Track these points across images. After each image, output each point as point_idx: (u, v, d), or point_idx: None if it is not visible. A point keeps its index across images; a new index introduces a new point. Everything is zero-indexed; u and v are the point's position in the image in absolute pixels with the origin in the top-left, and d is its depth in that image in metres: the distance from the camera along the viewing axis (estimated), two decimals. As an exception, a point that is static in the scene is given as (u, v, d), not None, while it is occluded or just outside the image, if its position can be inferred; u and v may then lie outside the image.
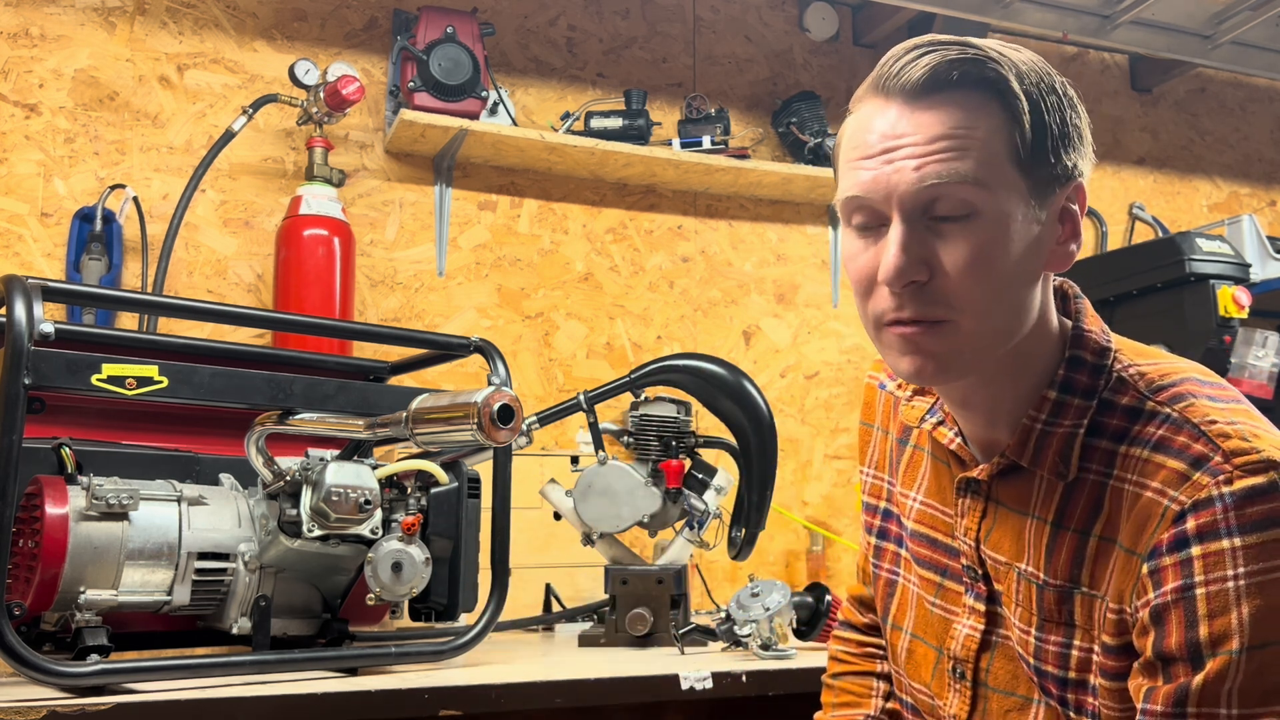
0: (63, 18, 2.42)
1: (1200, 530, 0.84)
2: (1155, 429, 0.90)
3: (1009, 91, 0.90)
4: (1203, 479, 0.85)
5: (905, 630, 1.13)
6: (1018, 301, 0.93)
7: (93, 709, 1.20)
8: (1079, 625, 0.93)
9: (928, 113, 0.90)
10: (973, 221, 0.89)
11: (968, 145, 0.89)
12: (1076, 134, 0.93)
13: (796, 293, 3.05)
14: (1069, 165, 0.93)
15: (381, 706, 1.34)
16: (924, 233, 0.90)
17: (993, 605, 1.02)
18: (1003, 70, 0.90)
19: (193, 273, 2.45)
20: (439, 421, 1.33)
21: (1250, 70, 3.38)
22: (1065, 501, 0.94)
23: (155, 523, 1.43)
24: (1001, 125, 0.89)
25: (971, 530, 1.02)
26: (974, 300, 0.90)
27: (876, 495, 1.19)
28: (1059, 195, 0.93)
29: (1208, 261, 2.58)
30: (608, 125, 2.73)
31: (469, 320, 2.68)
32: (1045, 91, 0.91)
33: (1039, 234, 0.92)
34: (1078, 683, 0.94)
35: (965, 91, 0.90)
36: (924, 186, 0.89)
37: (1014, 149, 0.90)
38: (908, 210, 0.90)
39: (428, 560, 1.55)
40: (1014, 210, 0.90)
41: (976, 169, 0.88)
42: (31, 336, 1.30)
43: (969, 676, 1.03)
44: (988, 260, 0.89)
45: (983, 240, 0.89)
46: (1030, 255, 0.92)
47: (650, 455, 1.97)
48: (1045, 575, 0.95)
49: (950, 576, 1.06)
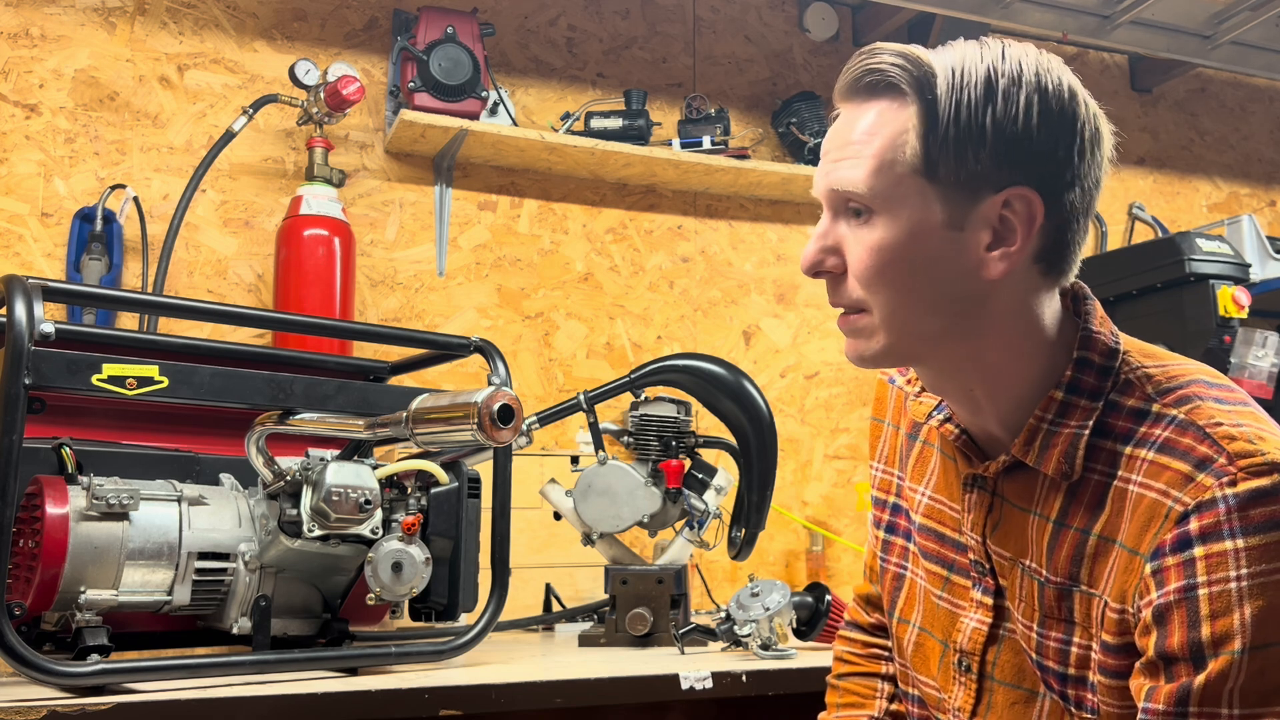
0: (63, 18, 2.42)
1: (1204, 531, 0.84)
2: (1161, 431, 0.91)
3: (928, 95, 0.91)
4: (1206, 480, 0.86)
5: (913, 624, 1.13)
6: (934, 300, 0.94)
7: (93, 709, 1.20)
8: (1078, 623, 0.94)
9: (855, 113, 0.96)
10: (871, 223, 0.94)
11: (863, 152, 0.93)
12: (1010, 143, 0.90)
13: (796, 293, 3.05)
14: (995, 172, 0.90)
15: (381, 706, 1.34)
16: (844, 228, 0.97)
17: (1000, 599, 1.03)
18: (913, 75, 0.91)
19: (193, 273, 2.45)
20: (439, 421, 1.33)
21: (1250, 70, 3.38)
22: (1069, 500, 0.95)
23: (155, 523, 1.43)
24: (903, 130, 0.91)
25: (978, 525, 1.03)
26: (874, 294, 0.95)
27: (886, 490, 1.20)
28: (987, 203, 0.91)
29: (1208, 261, 2.58)
30: (608, 125, 2.73)
31: (469, 320, 2.68)
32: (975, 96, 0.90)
33: (958, 240, 0.92)
34: (1077, 679, 0.95)
35: (879, 96, 0.94)
36: (828, 190, 0.96)
37: (918, 155, 0.91)
38: (831, 206, 0.97)
39: (428, 560, 1.55)
40: (915, 216, 0.92)
41: (867, 176, 0.93)
42: (32, 336, 1.30)
43: (975, 670, 1.04)
44: (881, 259, 0.93)
45: (876, 241, 0.93)
46: (944, 260, 0.92)
47: (650, 455, 1.97)
48: (1046, 572, 0.96)
49: (958, 571, 1.07)
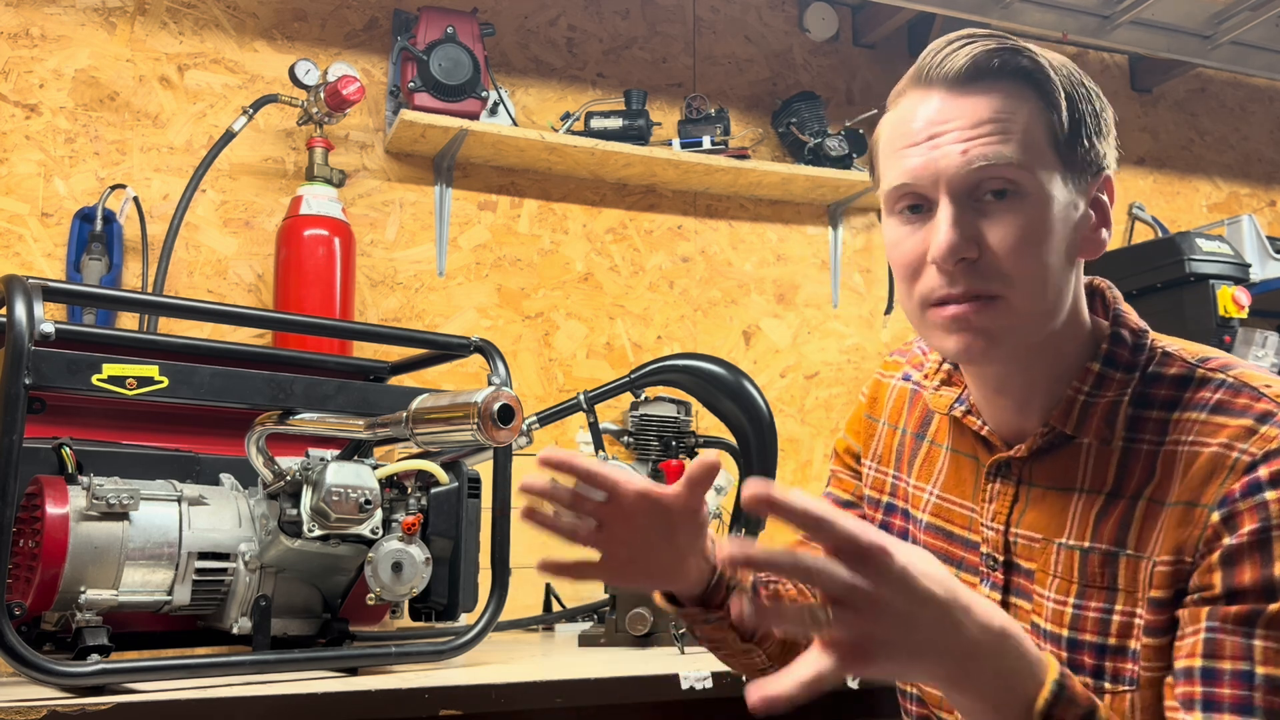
0: (63, 18, 2.42)
1: (1273, 477, 0.88)
2: (1211, 393, 0.94)
3: (1046, 79, 0.95)
4: (1271, 431, 0.89)
5: None
6: (1061, 281, 0.97)
7: (93, 709, 1.20)
8: (1122, 589, 0.95)
9: (970, 99, 0.94)
10: (1018, 201, 0.93)
11: (1010, 129, 0.93)
12: (1106, 125, 0.98)
13: (796, 293, 3.05)
14: (1100, 154, 0.98)
15: (381, 706, 1.34)
16: (972, 213, 0.94)
17: (1007, 595, 1.03)
18: (1039, 60, 0.95)
19: (193, 273, 2.45)
20: (439, 421, 1.33)
21: (1250, 70, 3.38)
22: (1120, 472, 0.97)
23: (155, 523, 1.43)
24: (1040, 111, 0.94)
25: (1001, 514, 1.03)
26: (1023, 275, 0.94)
27: (879, 489, 1.20)
28: (1092, 184, 0.98)
29: (1208, 261, 2.57)
30: (608, 125, 2.73)
31: (469, 320, 2.68)
32: (1076, 83, 0.97)
33: (1076, 218, 0.97)
34: (1117, 649, 0.95)
35: (1005, 79, 0.94)
36: (971, 169, 0.93)
37: (1053, 133, 0.94)
38: (955, 191, 0.94)
39: (428, 560, 1.55)
40: (1055, 192, 0.94)
41: (1019, 151, 0.93)
42: (32, 336, 1.30)
43: None
44: (1034, 237, 0.93)
45: (1028, 218, 0.93)
46: (1070, 237, 0.97)
47: (650, 455, 1.97)
48: (1091, 542, 0.97)
49: (965, 568, 1.07)
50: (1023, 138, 0.93)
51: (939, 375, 1.12)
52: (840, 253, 3.09)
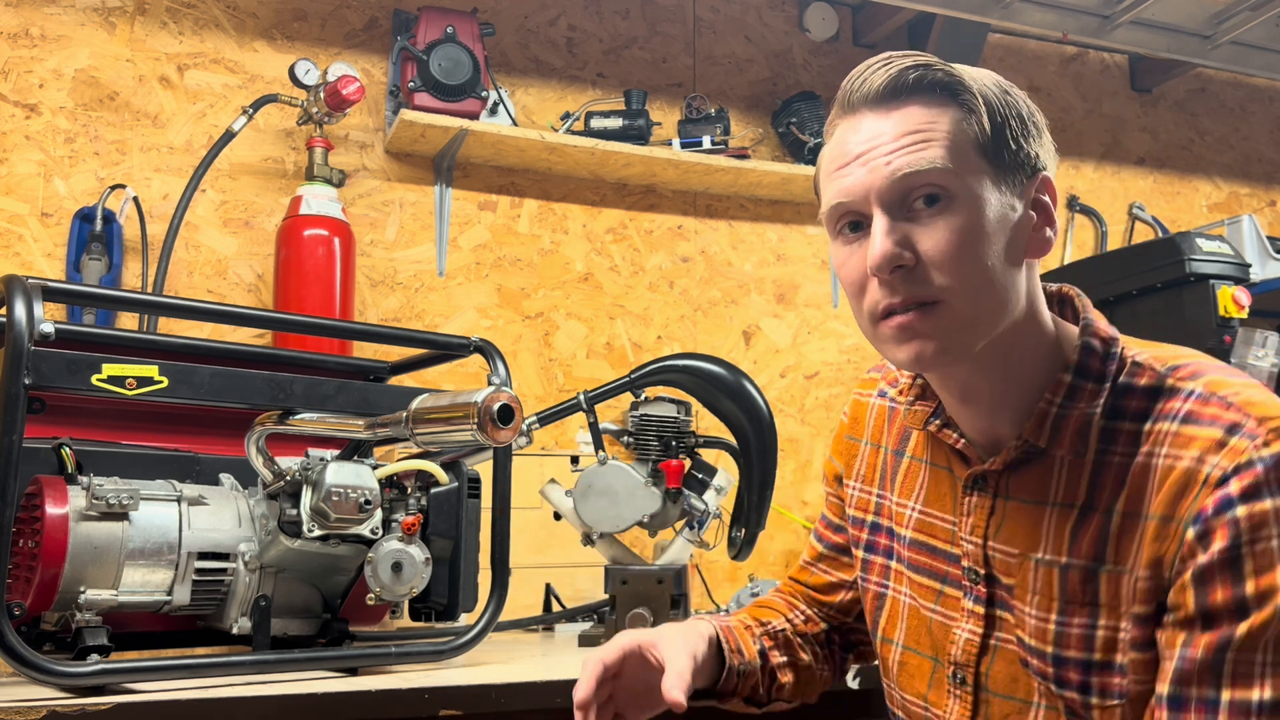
0: (63, 18, 2.42)
1: (1244, 492, 0.87)
2: (1181, 403, 0.94)
3: (964, 90, 0.96)
4: (1241, 444, 0.89)
5: (896, 643, 1.13)
6: (1003, 282, 0.97)
7: (93, 709, 1.20)
8: (1104, 604, 0.95)
9: (893, 114, 0.97)
10: (947, 206, 0.95)
11: (932, 137, 0.95)
12: (1035, 128, 0.99)
13: (796, 293, 3.05)
14: (1032, 155, 0.99)
15: (381, 706, 1.34)
16: (904, 222, 0.95)
17: (991, 608, 1.02)
18: (954, 73, 0.97)
19: (193, 273, 2.45)
20: (439, 421, 1.33)
21: (1250, 70, 3.38)
22: (1092, 485, 0.97)
23: (155, 523, 1.43)
24: (961, 119, 0.96)
25: (979, 527, 1.03)
26: (960, 278, 0.94)
27: (864, 509, 1.20)
28: (1028, 185, 0.99)
29: (1208, 261, 2.57)
30: (608, 125, 2.73)
31: (469, 320, 2.68)
32: (999, 91, 0.99)
33: (1015, 219, 0.97)
34: (1103, 664, 0.95)
35: (924, 94, 0.97)
36: (897, 178, 0.95)
37: (975, 139, 0.96)
38: (886, 202, 0.96)
39: (428, 560, 1.55)
40: (985, 195, 0.95)
41: (944, 157, 0.94)
42: (31, 336, 1.30)
43: (970, 682, 1.04)
44: (967, 239, 0.94)
45: (959, 221, 0.94)
46: (1009, 238, 0.97)
47: (650, 455, 1.97)
48: (1069, 558, 0.96)
49: (950, 583, 1.07)
50: (946, 144, 0.95)
51: (913, 390, 1.12)
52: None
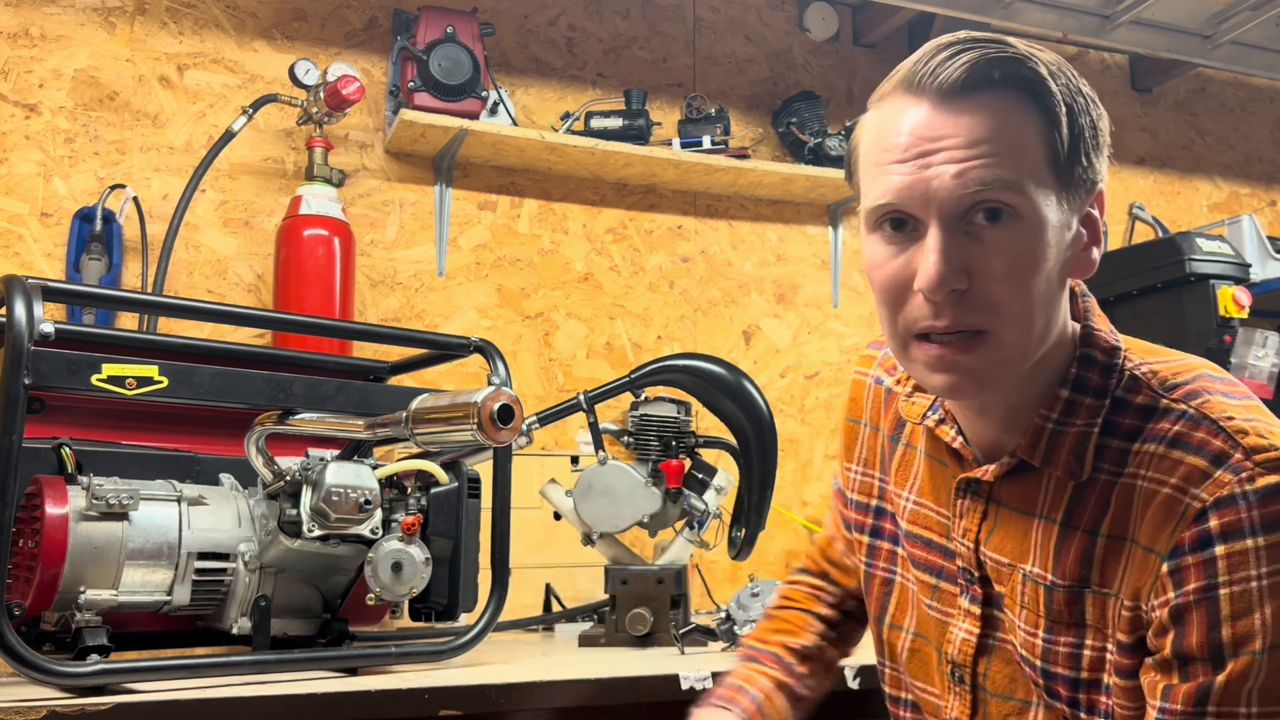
0: (63, 18, 2.42)
1: (1224, 529, 0.83)
2: (1171, 425, 0.89)
3: (1048, 93, 0.88)
4: (1225, 476, 0.84)
5: (906, 630, 1.11)
6: (1050, 308, 0.91)
7: (93, 709, 1.20)
8: (1091, 625, 0.92)
9: (965, 114, 0.86)
10: (1014, 228, 0.87)
11: (1009, 149, 0.86)
12: (1103, 138, 0.92)
13: (796, 293, 3.05)
14: (1096, 170, 0.92)
15: (381, 706, 1.34)
16: (963, 239, 0.87)
17: (989, 608, 1.01)
18: (1040, 71, 0.88)
19: (193, 273, 2.45)
20: (439, 421, 1.33)
21: (1250, 70, 3.38)
22: (1075, 502, 0.93)
23: (155, 523, 1.43)
24: (1041, 129, 0.87)
25: (971, 532, 1.00)
26: (1015, 307, 0.87)
27: (867, 493, 1.17)
28: (1085, 201, 0.92)
29: (1208, 261, 2.57)
30: (608, 125, 2.73)
31: (469, 320, 2.68)
32: (1075, 93, 0.90)
33: (1069, 240, 0.91)
34: (1090, 682, 0.92)
35: (1004, 92, 0.87)
36: (967, 192, 0.86)
37: (1052, 153, 0.88)
38: (947, 216, 0.87)
39: (428, 560, 1.55)
40: (1049, 214, 0.88)
41: (1018, 173, 0.86)
42: (31, 336, 1.30)
43: (968, 681, 1.02)
44: (1029, 266, 0.87)
45: (1025, 246, 0.87)
46: (1064, 262, 0.91)
47: (650, 455, 1.97)
48: (1054, 576, 0.93)
49: (946, 578, 1.05)
50: (1022, 159, 0.86)
51: (911, 382, 1.08)
52: (840, 253, 3.09)
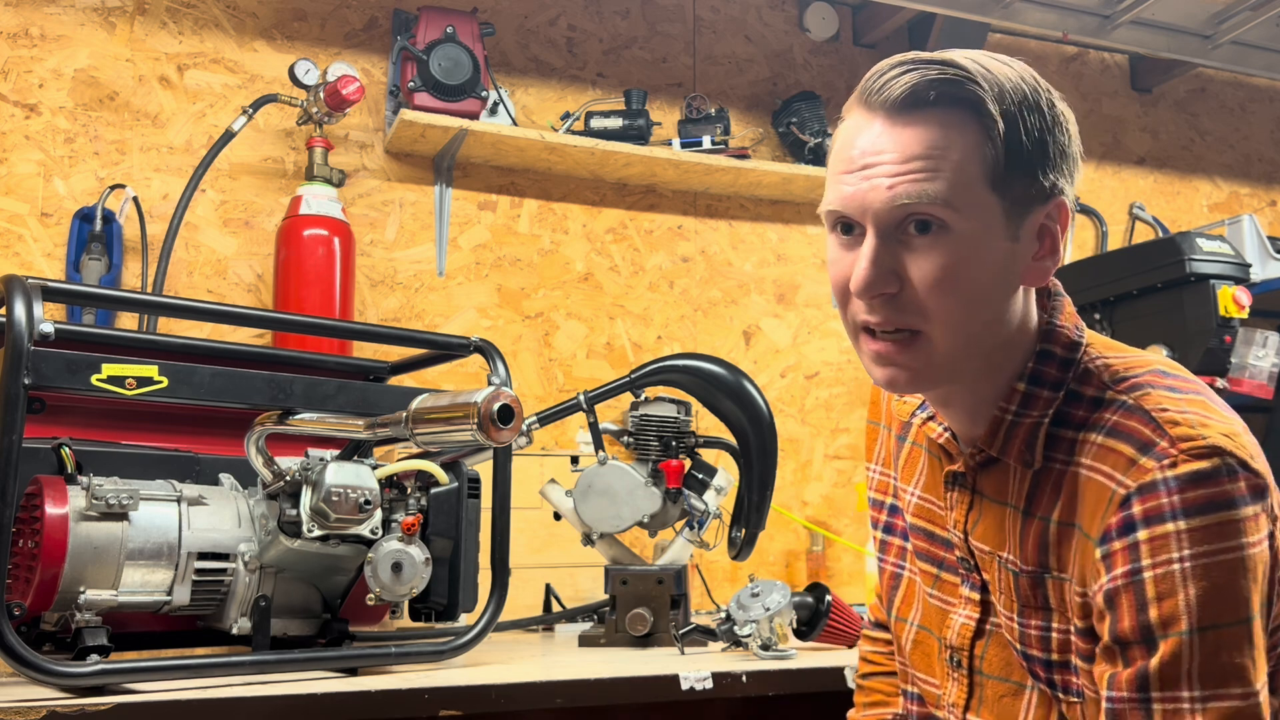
0: (63, 18, 2.42)
1: (1146, 514, 0.86)
2: (1111, 415, 0.93)
3: (986, 112, 0.92)
4: (1148, 463, 0.87)
5: (911, 622, 1.14)
6: (989, 315, 0.96)
7: (93, 709, 1.20)
8: (1054, 608, 0.96)
9: (905, 130, 0.92)
10: (942, 239, 0.92)
11: (940, 166, 0.91)
12: (1058, 154, 0.95)
13: (796, 293, 3.05)
14: (1046, 185, 0.94)
15: (381, 706, 1.34)
16: (896, 245, 0.93)
17: (987, 595, 1.04)
18: (981, 90, 0.92)
19: (193, 273, 2.45)
20: (439, 421, 1.33)
21: (1250, 70, 3.38)
22: (1033, 489, 0.97)
23: (155, 523, 1.43)
24: (976, 145, 0.92)
25: (960, 522, 1.05)
26: (942, 313, 0.93)
27: (883, 491, 1.21)
28: (1037, 213, 0.95)
29: (1208, 261, 2.57)
30: (608, 125, 2.73)
31: (469, 320, 2.68)
32: (1027, 111, 0.94)
33: (1014, 250, 0.95)
34: (1061, 664, 0.96)
35: (943, 110, 0.92)
36: (895, 205, 0.92)
37: (987, 169, 0.92)
38: (881, 225, 0.93)
39: (428, 560, 1.55)
40: (985, 229, 0.93)
41: (947, 190, 0.91)
42: (31, 336, 1.30)
43: (965, 665, 1.06)
44: (955, 276, 0.92)
45: (951, 257, 0.92)
46: (1002, 271, 0.95)
47: (650, 455, 1.97)
48: (1020, 562, 0.98)
49: (946, 568, 1.08)
50: (953, 174, 0.91)
51: None
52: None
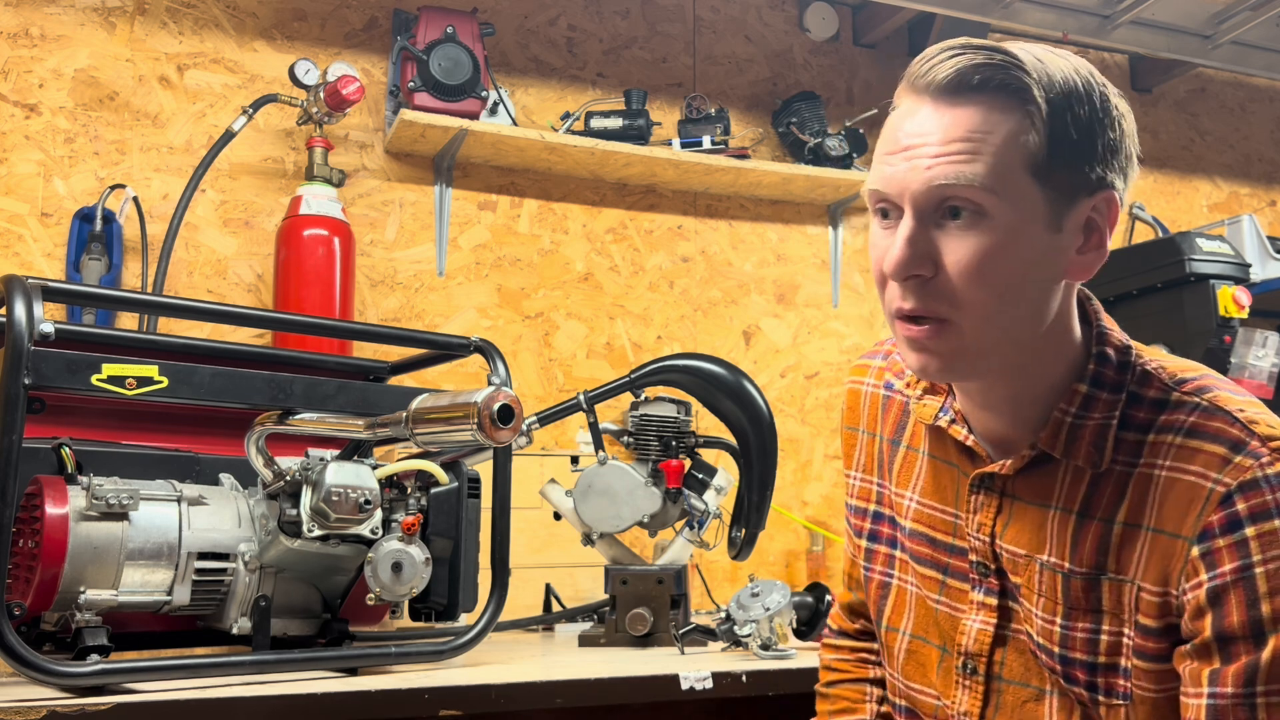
0: (63, 18, 2.42)
1: (1252, 511, 0.87)
2: (1186, 416, 0.94)
3: (1031, 99, 0.90)
4: (1245, 461, 0.89)
5: (903, 631, 1.13)
6: (1026, 308, 0.94)
7: (93, 709, 1.20)
8: (1107, 611, 0.95)
9: (949, 113, 0.92)
10: (979, 225, 0.91)
11: (980, 149, 0.90)
12: (1108, 148, 0.94)
13: (796, 293, 3.05)
14: (1094, 178, 0.93)
15: (381, 706, 1.34)
16: (933, 229, 0.92)
17: (1004, 600, 1.03)
18: (1027, 78, 0.91)
19: (193, 273, 2.45)
20: (439, 421, 1.33)
21: (1250, 70, 3.38)
22: (1091, 492, 0.97)
23: (155, 523, 1.43)
24: (1019, 132, 0.90)
25: (986, 526, 1.03)
26: (974, 301, 0.92)
27: (865, 498, 1.20)
28: (1083, 205, 0.94)
29: (1208, 261, 2.57)
30: (608, 125, 2.73)
31: (469, 320, 2.68)
32: (1076, 102, 0.92)
33: (1056, 242, 0.93)
34: (1108, 666, 0.96)
35: (988, 95, 0.91)
36: (933, 186, 0.91)
37: (1030, 157, 0.91)
38: (918, 207, 0.92)
39: (428, 560, 1.55)
40: (1024, 217, 0.91)
41: (986, 173, 0.90)
42: (31, 336, 1.30)
43: (982, 671, 1.04)
44: (989, 264, 0.91)
45: (987, 244, 0.91)
46: (1042, 263, 0.94)
47: (650, 455, 1.97)
48: (1071, 564, 0.97)
49: (952, 574, 1.07)
50: (993, 158, 0.90)
51: (921, 384, 1.11)
52: (840, 252, 3.09)
